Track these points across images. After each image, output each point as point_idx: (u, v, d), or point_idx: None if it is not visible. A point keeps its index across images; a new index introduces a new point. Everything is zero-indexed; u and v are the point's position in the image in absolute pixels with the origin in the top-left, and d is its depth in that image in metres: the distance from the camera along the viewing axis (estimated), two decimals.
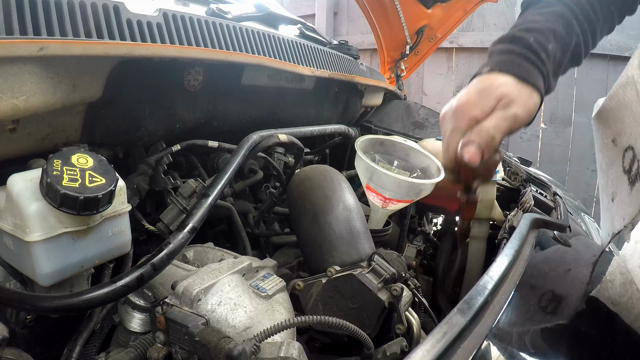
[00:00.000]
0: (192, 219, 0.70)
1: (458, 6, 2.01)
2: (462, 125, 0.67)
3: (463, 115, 0.67)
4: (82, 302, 0.55)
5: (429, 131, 1.64)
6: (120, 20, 0.65)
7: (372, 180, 1.09)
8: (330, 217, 0.86)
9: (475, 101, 0.67)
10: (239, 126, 1.06)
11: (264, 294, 0.69)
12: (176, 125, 0.87)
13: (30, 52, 0.52)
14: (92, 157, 0.61)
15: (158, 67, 0.75)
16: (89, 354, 0.68)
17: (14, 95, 0.55)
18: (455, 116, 0.68)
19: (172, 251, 0.65)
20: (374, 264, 0.78)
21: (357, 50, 1.54)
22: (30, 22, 0.55)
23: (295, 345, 0.59)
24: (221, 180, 0.80)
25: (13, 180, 0.57)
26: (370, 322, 0.74)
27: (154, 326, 0.59)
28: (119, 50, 0.62)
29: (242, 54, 0.86)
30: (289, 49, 1.04)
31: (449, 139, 0.68)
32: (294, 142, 1.04)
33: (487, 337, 0.46)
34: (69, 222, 0.59)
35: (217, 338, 0.53)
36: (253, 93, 1.04)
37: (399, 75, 2.09)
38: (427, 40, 2.07)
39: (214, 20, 0.83)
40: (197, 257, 0.80)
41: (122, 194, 0.66)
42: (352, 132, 1.45)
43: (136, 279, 0.59)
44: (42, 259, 0.57)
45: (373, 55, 3.91)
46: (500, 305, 0.52)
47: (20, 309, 0.60)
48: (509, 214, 1.13)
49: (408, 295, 0.80)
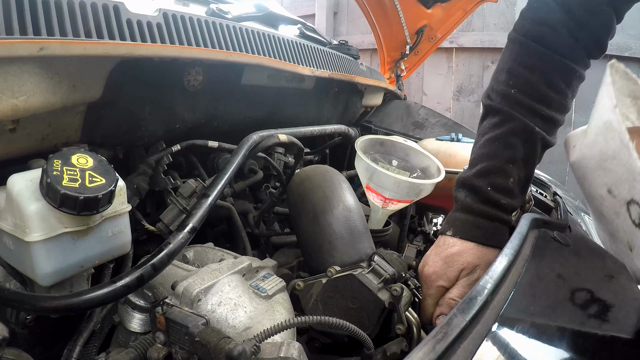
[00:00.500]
0: (192, 219, 0.70)
1: (458, 6, 2.00)
2: (432, 292, 0.77)
3: (431, 285, 0.77)
4: (82, 302, 0.55)
5: (429, 131, 1.64)
6: (120, 20, 0.65)
7: (372, 180, 1.09)
8: (330, 217, 0.86)
9: (440, 272, 0.76)
10: (239, 126, 1.06)
11: (264, 294, 0.69)
12: (176, 125, 0.87)
13: (30, 52, 0.52)
14: (92, 157, 0.61)
15: (158, 67, 0.75)
16: (89, 354, 0.68)
17: (14, 95, 0.55)
18: (426, 284, 0.78)
19: (172, 251, 0.65)
20: (374, 264, 0.78)
21: (357, 50, 1.54)
22: (30, 22, 0.55)
23: (295, 346, 0.59)
24: (221, 180, 0.80)
25: (13, 180, 0.57)
26: (370, 322, 0.74)
27: (154, 326, 0.59)
28: (119, 50, 0.62)
29: (242, 54, 0.86)
30: (289, 49, 1.04)
31: (423, 304, 0.79)
32: (294, 142, 1.04)
33: (487, 336, 0.46)
34: (69, 222, 0.59)
35: (217, 338, 0.53)
36: (253, 93, 1.04)
37: (399, 75, 2.09)
38: (427, 40, 2.07)
39: (214, 20, 0.83)
40: (197, 257, 0.80)
41: (122, 194, 0.66)
42: (352, 132, 1.45)
43: (136, 279, 0.59)
44: (42, 259, 0.57)
45: (373, 55, 3.91)
46: (500, 305, 0.52)
47: (20, 309, 0.60)
48: None
49: (408, 295, 0.80)
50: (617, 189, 0.69)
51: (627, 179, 0.67)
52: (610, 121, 0.66)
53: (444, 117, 1.68)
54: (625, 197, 0.68)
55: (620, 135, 0.65)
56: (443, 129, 1.63)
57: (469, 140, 1.42)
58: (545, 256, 0.68)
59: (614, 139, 0.66)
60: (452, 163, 1.29)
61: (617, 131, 0.65)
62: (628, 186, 0.67)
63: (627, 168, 0.66)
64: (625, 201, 0.68)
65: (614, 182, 0.70)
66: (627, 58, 2.94)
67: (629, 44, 2.92)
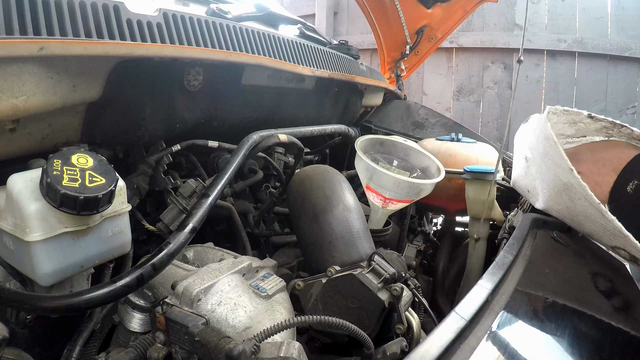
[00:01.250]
0: (192, 219, 0.70)
1: (458, 6, 2.00)
2: None
3: None
4: (82, 302, 0.55)
5: (429, 131, 1.64)
6: (120, 20, 0.65)
7: (372, 180, 1.09)
8: (330, 217, 0.86)
9: None
10: (239, 126, 1.06)
11: (264, 294, 0.69)
12: (176, 125, 0.87)
13: (30, 52, 0.52)
14: (92, 157, 0.61)
15: (158, 67, 0.75)
16: (89, 354, 0.68)
17: (14, 95, 0.55)
18: None
19: (172, 251, 0.65)
20: (374, 264, 0.78)
21: (357, 50, 1.54)
22: (30, 22, 0.55)
23: (295, 345, 0.59)
24: (221, 180, 0.80)
25: (13, 180, 0.57)
26: (370, 322, 0.74)
27: (154, 326, 0.59)
28: (119, 50, 0.62)
29: (242, 54, 0.86)
30: (289, 49, 1.04)
31: None
32: (294, 142, 1.04)
33: (487, 336, 0.46)
34: (69, 222, 0.59)
35: (217, 338, 0.53)
36: (253, 93, 1.04)
37: (399, 75, 2.09)
38: (427, 40, 2.07)
39: (214, 20, 0.83)
40: (197, 257, 0.80)
41: (122, 194, 0.66)
42: (352, 132, 1.45)
43: (136, 279, 0.59)
44: (42, 259, 0.57)
45: (373, 55, 3.90)
46: (500, 305, 0.52)
47: (20, 309, 0.60)
48: (509, 214, 1.13)
49: (408, 295, 0.80)
50: (597, 236, 0.70)
51: (604, 233, 0.67)
52: (572, 184, 0.67)
53: (444, 117, 1.69)
54: (607, 243, 0.68)
55: (588, 199, 0.65)
56: (443, 129, 1.64)
57: (469, 140, 1.42)
58: (545, 256, 0.68)
59: (580, 199, 0.67)
60: (452, 163, 1.29)
61: (582, 194, 0.66)
62: (607, 238, 0.67)
63: (602, 226, 0.66)
64: (609, 246, 0.69)
65: (590, 233, 0.70)
66: (627, 58, 2.94)
67: (628, 44, 2.92)
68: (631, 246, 0.63)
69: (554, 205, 0.74)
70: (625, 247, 0.65)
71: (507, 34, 3.21)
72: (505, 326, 0.50)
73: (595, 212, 0.65)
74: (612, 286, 0.70)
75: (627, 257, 0.66)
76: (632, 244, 0.63)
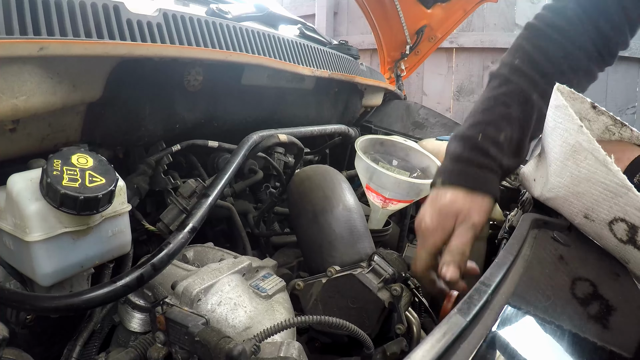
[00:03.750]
0: (192, 219, 0.70)
1: (458, 6, 2.01)
2: (428, 245, 0.75)
3: (427, 238, 0.76)
4: (82, 302, 0.55)
5: (429, 131, 1.64)
6: (120, 20, 0.65)
7: (372, 180, 1.09)
8: (330, 217, 0.86)
9: (436, 225, 0.75)
10: (239, 126, 1.06)
11: (264, 294, 0.69)
12: (176, 125, 0.87)
13: (30, 52, 0.53)
14: (92, 157, 0.61)
15: (158, 67, 0.75)
16: (89, 354, 0.68)
17: (14, 95, 0.55)
18: (422, 237, 0.77)
19: (172, 251, 0.65)
20: (374, 264, 0.78)
21: (357, 50, 1.54)
22: (30, 22, 0.55)
23: (295, 345, 0.59)
24: (221, 180, 0.80)
25: (13, 180, 0.57)
26: (370, 322, 0.74)
27: (154, 326, 0.59)
28: (119, 50, 0.62)
29: (242, 54, 0.86)
30: (289, 49, 1.04)
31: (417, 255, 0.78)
32: (294, 142, 1.04)
33: (487, 336, 0.46)
34: (69, 222, 0.59)
35: (217, 338, 0.53)
36: (253, 93, 1.04)
37: (399, 75, 2.09)
38: (427, 40, 2.07)
39: (214, 20, 0.83)
40: (197, 257, 0.80)
41: (122, 194, 0.66)
42: (352, 132, 1.45)
43: (136, 279, 0.59)
44: (42, 259, 0.57)
45: (373, 55, 3.91)
46: (500, 305, 0.52)
47: (20, 309, 0.60)
48: (509, 214, 1.13)
49: (408, 295, 0.80)
50: (594, 212, 0.68)
51: (604, 198, 0.66)
52: (579, 142, 0.65)
53: (444, 117, 1.69)
54: (605, 218, 0.67)
55: (594, 153, 0.64)
56: (443, 129, 1.63)
57: None
58: (545, 256, 0.68)
59: (587, 158, 0.65)
60: None
61: (588, 150, 0.64)
62: (607, 206, 0.66)
63: (605, 186, 0.65)
64: (606, 222, 0.67)
65: (590, 205, 0.69)
66: (627, 58, 2.94)
67: None
68: (632, 205, 0.62)
69: (555, 180, 0.72)
70: (626, 213, 0.63)
71: (507, 34, 3.20)
72: (506, 326, 0.50)
73: (600, 167, 0.63)
74: (612, 287, 0.70)
75: (625, 236, 0.64)
76: (634, 199, 0.61)
